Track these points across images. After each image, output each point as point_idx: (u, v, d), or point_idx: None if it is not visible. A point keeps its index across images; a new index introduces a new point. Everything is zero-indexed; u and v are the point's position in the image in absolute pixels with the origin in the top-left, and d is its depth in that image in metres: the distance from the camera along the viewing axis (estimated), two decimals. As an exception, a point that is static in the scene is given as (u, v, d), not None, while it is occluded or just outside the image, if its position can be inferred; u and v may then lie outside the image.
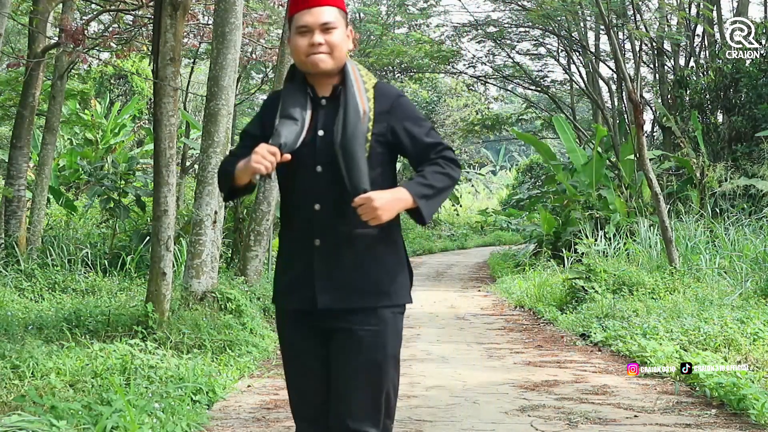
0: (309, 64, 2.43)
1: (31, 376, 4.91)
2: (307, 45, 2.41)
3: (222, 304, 7.27)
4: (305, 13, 2.42)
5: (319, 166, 2.41)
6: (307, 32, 2.41)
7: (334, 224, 2.40)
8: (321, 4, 2.42)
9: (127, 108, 18.88)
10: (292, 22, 2.46)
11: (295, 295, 2.46)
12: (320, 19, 2.41)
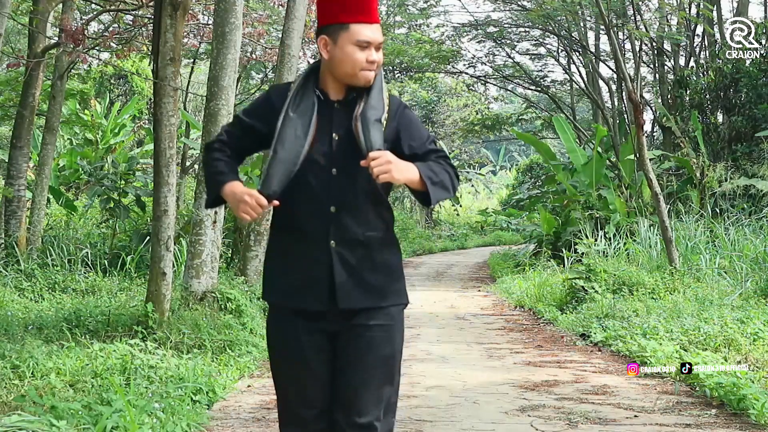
0: (360, 78, 2.44)
1: (31, 376, 4.91)
2: (365, 60, 2.42)
3: (222, 304, 7.27)
4: (367, 28, 2.42)
5: (335, 169, 2.43)
6: (367, 47, 2.43)
7: (350, 226, 2.44)
8: (378, 21, 2.46)
9: (127, 108, 18.88)
10: (344, 30, 2.42)
11: (307, 296, 2.46)
12: (380, 37, 2.45)
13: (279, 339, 2.53)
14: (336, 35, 2.43)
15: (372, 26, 2.43)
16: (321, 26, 2.49)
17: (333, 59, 2.44)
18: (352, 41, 2.41)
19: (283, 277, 2.51)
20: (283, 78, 10.04)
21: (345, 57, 2.42)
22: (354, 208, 2.43)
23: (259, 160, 11.19)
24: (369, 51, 2.43)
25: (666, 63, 20.54)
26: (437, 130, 31.52)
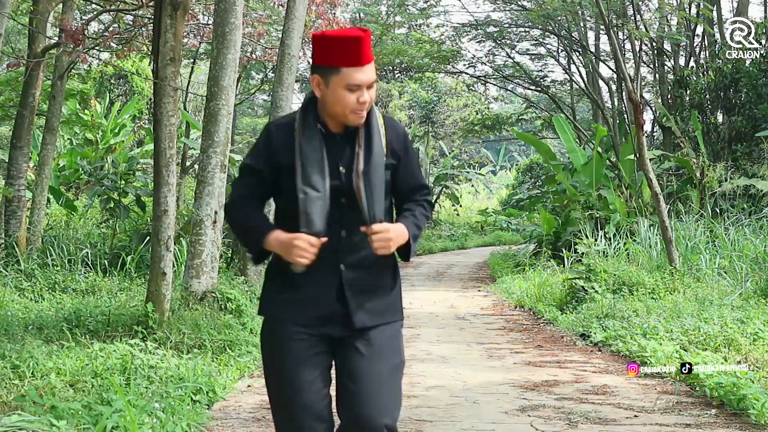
0: (350, 119, 2.50)
1: (31, 376, 4.91)
2: (356, 102, 2.47)
3: (222, 304, 7.27)
4: (358, 71, 2.45)
5: (344, 198, 2.52)
6: (357, 90, 2.46)
7: (358, 249, 2.53)
8: (370, 60, 2.47)
9: (127, 108, 18.89)
10: (337, 73, 2.46)
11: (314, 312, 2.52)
12: (370, 78, 2.47)
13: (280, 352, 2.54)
14: (328, 77, 2.48)
15: (363, 68, 2.45)
16: (314, 65, 2.55)
17: (325, 100, 2.51)
18: (342, 85, 2.45)
19: (288, 293, 2.56)
20: (283, 78, 10.03)
21: (336, 99, 2.48)
22: (361, 232, 2.50)
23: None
24: (360, 92, 2.46)
25: (666, 63, 20.54)
26: (437, 130, 31.54)
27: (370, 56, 2.48)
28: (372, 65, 2.49)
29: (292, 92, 10.30)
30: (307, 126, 2.53)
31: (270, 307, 2.59)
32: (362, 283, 2.55)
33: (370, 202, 2.49)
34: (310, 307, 2.52)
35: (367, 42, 2.46)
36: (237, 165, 13.07)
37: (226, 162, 7.72)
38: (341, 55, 2.45)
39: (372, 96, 2.49)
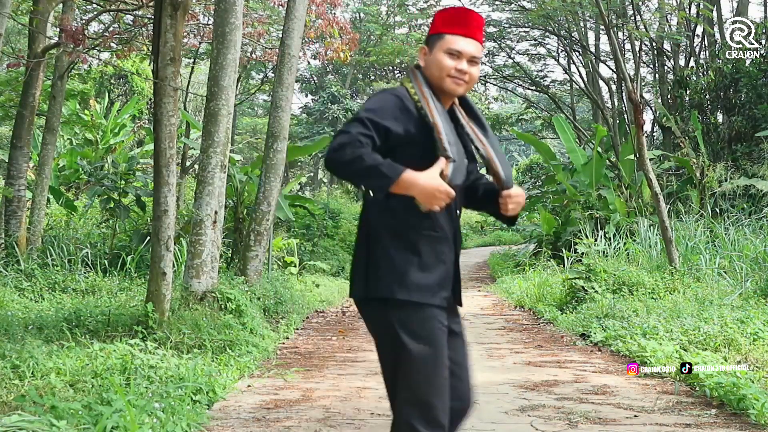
0: (447, 84, 2.59)
1: (31, 376, 4.90)
2: (454, 68, 2.57)
3: (222, 304, 7.27)
4: (462, 40, 2.58)
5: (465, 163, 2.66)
6: (457, 57, 2.58)
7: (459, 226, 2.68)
8: (477, 38, 2.61)
9: (127, 108, 18.88)
10: (441, 38, 2.60)
11: (442, 293, 2.57)
12: (472, 51, 2.59)
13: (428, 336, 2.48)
14: (433, 44, 2.63)
15: (468, 39, 2.58)
16: (427, 38, 2.68)
17: (426, 65, 2.63)
18: (443, 49, 2.59)
19: (425, 276, 2.51)
20: (283, 78, 10.03)
21: (434, 62, 2.60)
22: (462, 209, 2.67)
23: (259, 161, 11.19)
24: (459, 60, 2.57)
25: (666, 63, 20.54)
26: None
27: (477, 34, 2.60)
28: (478, 45, 2.60)
29: (292, 92, 10.30)
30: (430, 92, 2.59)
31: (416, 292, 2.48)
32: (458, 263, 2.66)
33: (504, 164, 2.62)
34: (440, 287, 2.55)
35: (476, 19, 2.60)
36: (237, 165, 13.13)
37: (226, 162, 7.72)
38: (448, 22, 2.61)
39: (473, 73, 2.59)
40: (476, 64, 2.60)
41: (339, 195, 27.65)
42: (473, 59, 2.58)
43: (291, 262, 12.90)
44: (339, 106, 30.88)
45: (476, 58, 2.59)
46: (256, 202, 9.92)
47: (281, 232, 14.68)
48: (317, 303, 10.64)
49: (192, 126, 15.98)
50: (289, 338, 7.96)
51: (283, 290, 9.62)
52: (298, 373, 6.11)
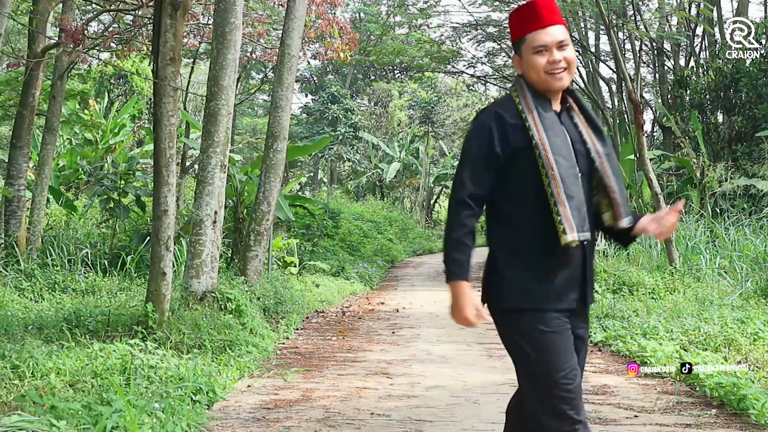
0: (549, 81, 2.56)
1: (31, 376, 4.90)
2: (547, 62, 2.54)
3: (222, 304, 7.27)
4: (541, 33, 2.54)
5: (580, 172, 2.56)
6: (545, 51, 2.54)
7: (591, 226, 2.59)
8: (555, 22, 2.56)
9: (126, 108, 18.88)
10: (523, 42, 2.58)
11: (565, 297, 2.56)
12: (556, 37, 2.54)
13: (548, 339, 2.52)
14: (520, 49, 2.61)
15: (546, 30, 2.54)
16: (513, 46, 2.66)
17: (524, 72, 2.61)
18: (530, 50, 2.56)
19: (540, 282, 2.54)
20: (283, 78, 10.03)
21: (528, 66, 2.57)
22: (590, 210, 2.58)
23: (259, 160, 11.19)
24: (549, 53, 2.54)
25: (666, 63, 20.54)
26: (437, 130, 31.54)
27: (554, 18, 2.55)
28: (560, 28, 2.55)
29: (292, 92, 10.30)
30: (536, 101, 2.56)
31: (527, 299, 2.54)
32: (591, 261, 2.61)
33: (621, 190, 2.55)
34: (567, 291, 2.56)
35: (544, 5, 2.54)
36: (237, 165, 13.13)
37: (226, 162, 7.72)
38: (522, 23, 2.58)
39: (568, 56, 2.54)
40: (566, 47, 2.54)
41: (339, 195, 27.65)
42: (560, 44, 2.54)
43: (291, 262, 12.90)
44: (339, 106, 30.87)
45: (563, 42, 2.54)
46: (256, 202, 9.92)
47: (281, 232, 14.68)
48: (317, 303, 10.64)
49: (192, 126, 15.98)
50: (289, 338, 7.96)
51: (283, 290, 9.62)
52: (298, 373, 6.11)
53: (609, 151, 2.59)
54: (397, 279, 15.90)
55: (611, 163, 2.56)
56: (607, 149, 2.59)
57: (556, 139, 2.51)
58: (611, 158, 2.57)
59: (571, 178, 2.49)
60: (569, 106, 2.63)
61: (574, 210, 2.48)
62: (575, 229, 2.48)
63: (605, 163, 2.55)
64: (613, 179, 2.55)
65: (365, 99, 36.37)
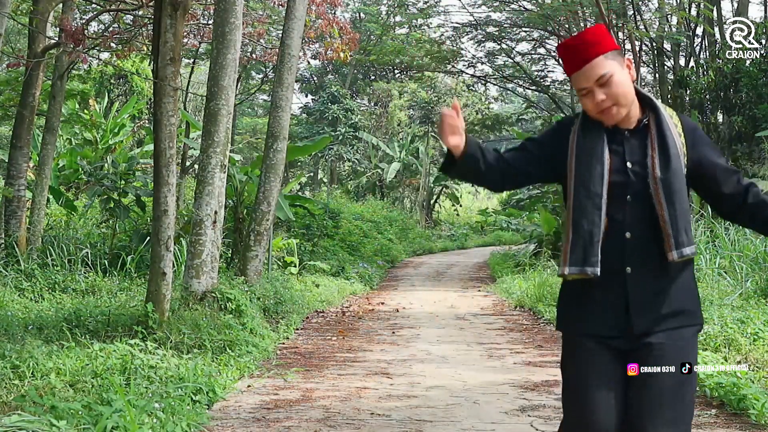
0: (603, 120, 2.46)
1: (31, 376, 4.90)
2: (593, 105, 2.43)
3: (222, 304, 7.27)
4: (578, 75, 2.44)
5: (629, 196, 2.43)
6: (588, 92, 2.43)
7: (645, 252, 2.42)
8: (588, 60, 2.41)
9: (126, 108, 18.87)
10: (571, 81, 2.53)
11: (602, 321, 2.44)
12: (593, 77, 2.41)
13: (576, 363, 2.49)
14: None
15: (582, 70, 2.42)
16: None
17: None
18: (577, 92, 2.50)
19: (577, 304, 2.50)
20: (283, 78, 10.03)
21: (582, 105, 2.49)
22: (649, 233, 2.42)
23: (259, 160, 11.19)
24: (591, 95, 2.42)
25: (666, 63, 20.54)
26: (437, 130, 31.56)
27: (587, 56, 2.41)
28: (596, 63, 2.40)
29: (292, 92, 10.30)
30: (589, 125, 2.48)
31: (568, 321, 2.53)
32: (650, 286, 2.42)
33: (673, 220, 2.38)
34: (604, 314, 2.43)
35: (577, 44, 2.44)
36: (237, 165, 13.13)
37: (226, 162, 7.72)
38: (564, 64, 2.50)
39: (612, 93, 2.39)
40: (606, 82, 2.39)
41: (339, 195, 27.65)
42: (599, 81, 2.40)
43: (291, 262, 12.90)
44: (339, 106, 30.88)
45: (602, 78, 2.39)
46: (256, 202, 9.92)
47: (281, 232, 14.68)
48: (317, 303, 10.64)
49: (192, 126, 15.98)
50: (289, 338, 7.96)
51: (283, 290, 9.62)
52: (298, 373, 6.11)
53: (669, 176, 2.40)
54: (397, 279, 15.90)
55: (667, 188, 2.39)
56: (667, 174, 2.40)
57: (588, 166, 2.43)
58: (668, 183, 2.39)
59: (586, 208, 2.41)
60: (647, 125, 2.47)
61: (577, 243, 2.41)
62: (569, 263, 2.42)
63: (659, 189, 2.39)
64: (665, 207, 2.39)
65: (365, 99, 36.38)
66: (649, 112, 2.48)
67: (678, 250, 2.39)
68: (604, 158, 2.43)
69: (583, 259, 2.40)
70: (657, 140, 2.43)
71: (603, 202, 2.40)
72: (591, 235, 2.40)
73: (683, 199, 2.41)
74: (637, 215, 2.42)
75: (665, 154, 2.42)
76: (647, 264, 2.42)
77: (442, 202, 32.09)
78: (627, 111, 2.44)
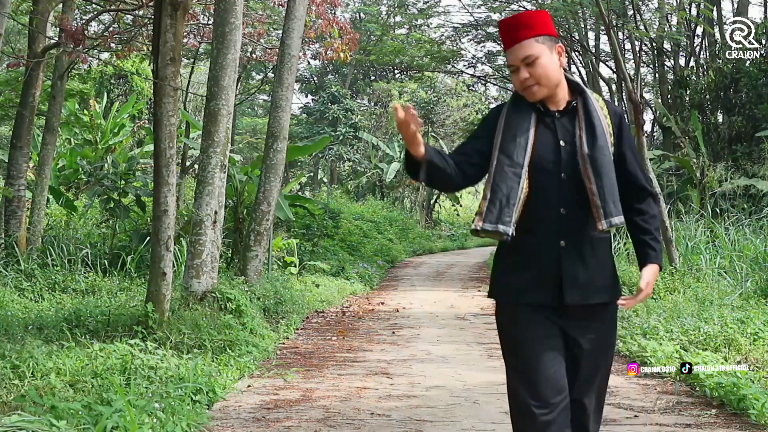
0: (526, 95, 2.64)
1: (31, 376, 4.90)
2: (518, 81, 2.62)
3: (222, 304, 7.27)
4: (510, 52, 2.63)
5: (563, 174, 2.60)
6: (516, 70, 2.62)
7: (579, 227, 2.60)
8: (518, 40, 2.59)
9: (125, 108, 18.87)
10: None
11: (538, 292, 2.60)
12: (520, 56, 2.59)
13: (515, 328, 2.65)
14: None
15: (512, 49, 2.61)
16: None
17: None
18: (507, 66, 2.72)
19: (515, 276, 2.65)
20: (283, 78, 10.03)
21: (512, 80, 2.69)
22: (583, 209, 2.58)
23: (259, 160, 11.19)
24: (519, 72, 2.60)
25: (666, 63, 20.54)
26: (437, 130, 31.52)
27: (518, 36, 2.58)
28: (525, 44, 2.58)
29: (292, 92, 10.30)
30: (519, 104, 2.65)
31: (504, 291, 2.69)
32: (582, 260, 2.59)
33: (601, 191, 2.54)
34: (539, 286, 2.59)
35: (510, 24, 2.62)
36: (237, 165, 13.13)
37: (226, 162, 7.72)
38: (502, 41, 2.68)
39: (535, 73, 2.57)
40: (533, 63, 2.57)
41: (339, 195, 27.65)
42: (526, 60, 2.58)
43: (291, 262, 12.90)
44: (339, 106, 30.87)
45: (528, 58, 2.57)
46: (256, 202, 9.92)
47: (281, 232, 14.68)
48: (317, 303, 10.64)
49: (192, 126, 15.98)
50: (289, 338, 7.96)
51: (283, 290, 9.61)
52: (298, 373, 6.11)
53: (595, 152, 2.57)
54: (397, 279, 15.90)
55: (594, 163, 2.56)
56: (593, 150, 2.57)
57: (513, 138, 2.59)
58: (595, 159, 2.56)
59: (506, 174, 2.56)
60: (575, 107, 2.65)
61: (494, 203, 2.56)
62: (484, 219, 2.57)
63: (587, 164, 2.56)
64: (593, 180, 2.55)
65: (365, 99, 36.38)
66: (577, 96, 2.67)
67: (607, 219, 2.55)
68: (529, 133, 2.59)
69: (498, 217, 2.56)
70: (584, 121, 2.61)
71: (524, 172, 2.56)
72: (508, 198, 2.56)
73: (610, 173, 2.57)
74: (572, 192, 2.58)
75: (592, 132, 2.59)
76: (580, 239, 2.59)
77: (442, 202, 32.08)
78: (548, 92, 2.61)
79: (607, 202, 2.54)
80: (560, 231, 2.58)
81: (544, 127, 2.62)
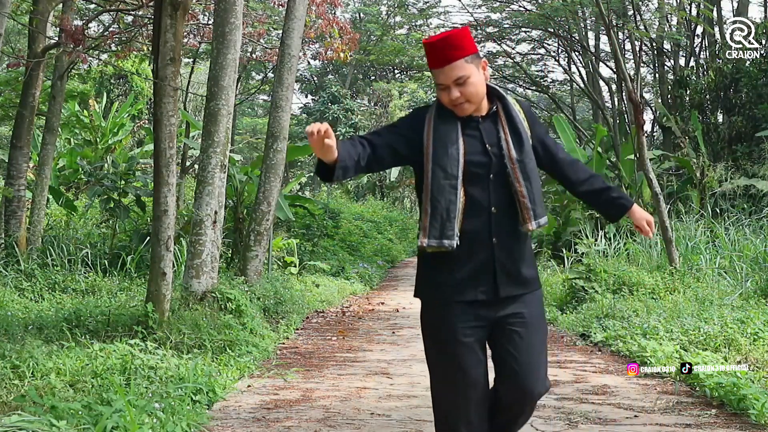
0: (456, 111, 2.73)
1: (31, 376, 4.90)
2: (448, 99, 2.70)
3: (222, 304, 7.27)
4: (438, 72, 2.69)
5: (492, 175, 2.72)
6: (445, 88, 2.70)
7: (508, 224, 2.74)
8: (448, 61, 2.66)
9: (125, 108, 18.87)
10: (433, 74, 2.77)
11: (474, 289, 2.73)
12: (452, 77, 2.67)
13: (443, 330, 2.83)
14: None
15: (443, 69, 2.67)
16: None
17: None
18: (435, 84, 2.76)
19: (449, 275, 2.76)
20: (283, 78, 10.03)
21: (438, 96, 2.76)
22: (510, 207, 2.73)
23: (259, 160, 11.20)
24: (448, 91, 2.69)
25: (666, 63, 20.54)
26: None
27: (449, 57, 2.65)
28: (456, 65, 2.65)
29: (292, 92, 10.30)
30: (443, 113, 2.74)
31: (435, 290, 2.80)
32: (511, 254, 2.74)
33: (531, 194, 2.70)
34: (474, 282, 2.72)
35: (438, 46, 2.66)
36: (237, 165, 13.13)
37: (226, 162, 7.72)
38: (428, 59, 2.73)
39: (466, 92, 2.67)
40: (463, 83, 2.66)
41: (339, 195, 27.65)
42: (458, 81, 2.65)
43: (291, 262, 12.90)
44: (339, 106, 30.88)
45: (460, 79, 2.65)
46: (256, 202, 9.92)
47: (281, 232, 14.68)
48: (317, 303, 10.64)
49: (192, 126, 15.98)
50: (289, 338, 7.96)
51: (283, 290, 9.62)
52: (298, 373, 6.11)
53: (523, 157, 2.71)
54: (397, 279, 15.89)
55: (523, 168, 2.70)
56: (522, 156, 2.70)
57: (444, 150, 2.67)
58: (524, 164, 2.70)
59: (443, 187, 2.66)
60: (496, 112, 2.76)
61: (435, 218, 2.66)
62: (428, 236, 2.68)
63: (516, 168, 2.69)
64: (523, 183, 2.69)
65: (365, 99, 36.38)
66: (497, 101, 2.79)
67: (536, 220, 2.73)
68: (459, 143, 2.69)
69: (441, 233, 2.67)
70: (508, 125, 2.75)
71: (459, 182, 2.67)
72: (448, 212, 2.66)
73: (536, 176, 2.75)
74: (500, 192, 2.72)
75: (518, 137, 2.74)
76: (509, 235, 2.74)
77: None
78: (477, 106, 2.74)
79: (537, 204, 2.71)
80: (492, 229, 2.71)
81: (470, 133, 2.73)
